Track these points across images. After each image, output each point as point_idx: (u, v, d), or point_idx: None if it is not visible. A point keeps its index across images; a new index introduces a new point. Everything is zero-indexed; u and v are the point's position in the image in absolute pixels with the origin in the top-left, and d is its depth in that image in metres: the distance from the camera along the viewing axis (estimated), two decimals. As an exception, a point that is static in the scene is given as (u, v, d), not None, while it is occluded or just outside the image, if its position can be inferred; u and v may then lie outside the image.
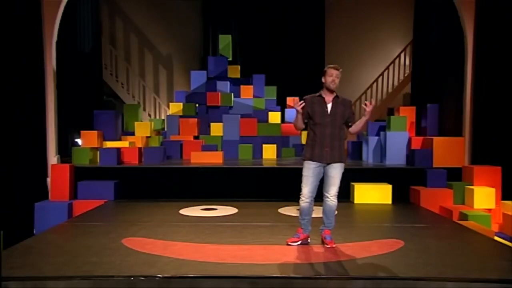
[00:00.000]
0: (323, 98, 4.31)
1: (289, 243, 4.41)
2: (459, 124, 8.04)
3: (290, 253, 4.15)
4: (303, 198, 4.33)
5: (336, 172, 4.29)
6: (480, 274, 3.58)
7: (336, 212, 4.42)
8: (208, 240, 4.62)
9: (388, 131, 8.21)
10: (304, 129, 4.48)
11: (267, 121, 10.32)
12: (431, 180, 7.02)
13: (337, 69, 4.28)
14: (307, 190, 4.30)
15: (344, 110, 4.32)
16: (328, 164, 4.28)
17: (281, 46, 12.87)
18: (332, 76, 4.24)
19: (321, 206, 4.41)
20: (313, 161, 4.29)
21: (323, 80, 4.31)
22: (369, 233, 4.97)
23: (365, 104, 4.29)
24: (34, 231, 6.36)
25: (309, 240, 4.49)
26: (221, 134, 9.81)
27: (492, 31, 7.32)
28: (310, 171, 4.30)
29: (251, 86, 10.69)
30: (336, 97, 4.33)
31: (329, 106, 4.29)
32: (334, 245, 4.34)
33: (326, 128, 4.26)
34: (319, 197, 4.39)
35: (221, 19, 13.00)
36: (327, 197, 4.32)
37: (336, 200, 4.32)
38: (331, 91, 4.30)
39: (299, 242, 4.43)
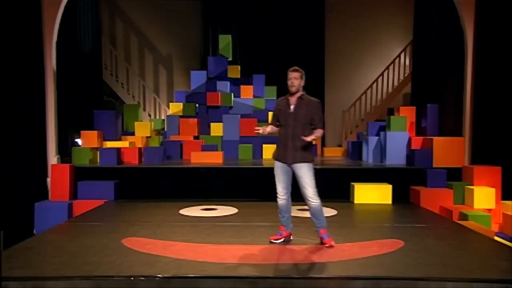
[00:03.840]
0: (288, 100, 4.40)
1: (272, 241, 4.45)
2: (459, 124, 8.04)
3: (290, 253, 4.15)
4: (279, 196, 4.43)
5: (303, 171, 4.30)
6: (480, 274, 3.58)
7: (323, 212, 4.43)
8: (208, 240, 4.62)
9: (388, 131, 8.21)
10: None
11: (267, 121, 10.28)
12: (431, 180, 7.02)
13: (295, 71, 4.38)
14: (280, 187, 4.41)
15: (308, 110, 4.32)
16: (291, 164, 4.32)
17: (281, 46, 12.85)
18: (290, 79, 4.36)
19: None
20: (278, 160, 4.40)
21: None
22: (369, 233, 4.97)
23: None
24: (34, 231, 6.37)
25: (291, 238, 4.55)
26: (221, 134, 9.82)
27: (492, 31, 7.31)
28: (278, 169, 4.42)
29: (251, 86, 10.69)
30: (300, 98, 4.37)
31: (292, 107, 4.35)
32: (333, 243, 4.35)
33: (288, 128, 4.33)
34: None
35: (221, 19, 12.98)
36: (307, 199, 4.34)
37: (317, 200, 4.31)
38: (293, 93, 4.37)
39: (281, 240, 4.48)
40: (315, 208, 4.35)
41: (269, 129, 4.47)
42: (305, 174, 4.29)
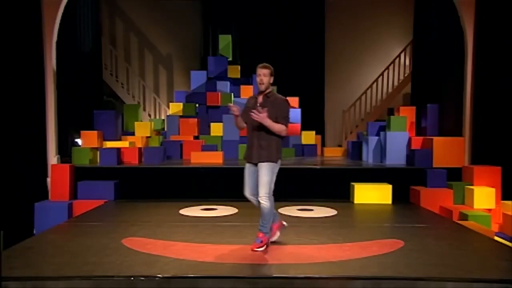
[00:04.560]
0: (256, 98, 4.32)
1: (270, 241, 4.37)
2: (459, 124, 8.04)
3: (290, 253, 4.15)
4: (248, 198, 4.36)
5: (262, 171, 4.17)
6: (480, 274, 3.58)
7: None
8: (208, 240, 4.62)
9: (388, 131, 8.21)
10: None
11: (267, 121, 10.30)
12: (431, 180, 7.02)
13: (265, 68, 4.23)
14: (245, 188, 4.34)
15: (273, 109, 4.16)
16: (257, 163, 4.23)
17: (281, 46, 12.87)
18: (259, 76, 4.24)
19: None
20: (246, 161, 4.32)
21: None
22: (369, 233, 4.97)
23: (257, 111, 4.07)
24: (34, 231, 6.36)
25: (285, 223, 4.53)
26: (221, 134, 9.81)
27: (492, 31, 7.31)
28: (246, 171, 4.34)
29: (251, 86, 10.67)
30: (266, 96, 4.27)
31: (259, 105, 4.26)
32: (256, 249, 4.20)
33: (255, 127, 4.21)
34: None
35: (221, 19, 13.00)
36: (258, 198, 4.21)
37: (266, 202, 4.16)
38: (263, 90, 4.27)
39: (277, 236, 4.44)
40: (262, 209, 4.21)
41: (237, 120, 4.31)
42: (264, 173, 4.16)
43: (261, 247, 4.22)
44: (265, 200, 4.16)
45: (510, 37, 6.98)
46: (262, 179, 4.17)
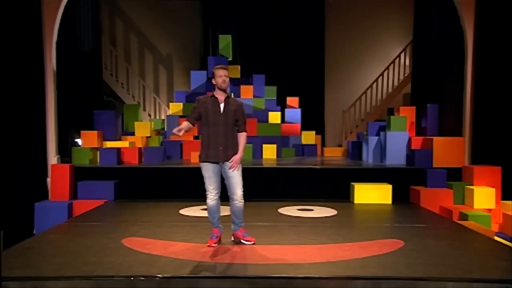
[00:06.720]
0: (216, 98, 4.38)
1: (212, 245, 4.37)
2: (459, 124, 8.04)
3: (290, 253, 4.15)
4: (210, 196, 4.37)
5: (235, 171, 4.32)
6: (480, 274, 3.58)
7: None
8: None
9: (388, 131, 8.21)
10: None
11: (267, 121, 10.32)
12: (431, 180, 7.02)
13: (226, 69, 4.41)
14: (212, 188, 4.36)
15: (235, 110, 4.36)
16: (224, 163, 4.31)
17: (281, 46, 12.87)
18: (222, 77, 4.33)
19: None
20: (209, 162, 4.34)
21: (213, 82, 4.38)
22: (369, 233, 4.97)
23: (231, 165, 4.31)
24: (34, 231, 6.36)
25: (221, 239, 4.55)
26: (221, 134, 9.80)
27: (492, 31, 7.32)
28: (209, 172, 4.35)
29: (251, 86, 10.69)
30: (228, 97, 4.41)
31: (222, 106, 4.35)
32: (254, 240, 4.44)
33: (219, 127, 4.31)
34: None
35: (221, 19, 13.00)
36: (235, 199, 4.33)
37: (243, 200, 4.37)
38: (222, 91, 4.36)
39: (217, 242, 4.46)
40: (240, 208, 4.38)
41: (185, 128, 4.36)
42: (237, 174, 4.33)
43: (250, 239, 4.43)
44: (242, 200, 4.37)
45: (510, 37, 6.98)
46: (238, 179, 4.34)
